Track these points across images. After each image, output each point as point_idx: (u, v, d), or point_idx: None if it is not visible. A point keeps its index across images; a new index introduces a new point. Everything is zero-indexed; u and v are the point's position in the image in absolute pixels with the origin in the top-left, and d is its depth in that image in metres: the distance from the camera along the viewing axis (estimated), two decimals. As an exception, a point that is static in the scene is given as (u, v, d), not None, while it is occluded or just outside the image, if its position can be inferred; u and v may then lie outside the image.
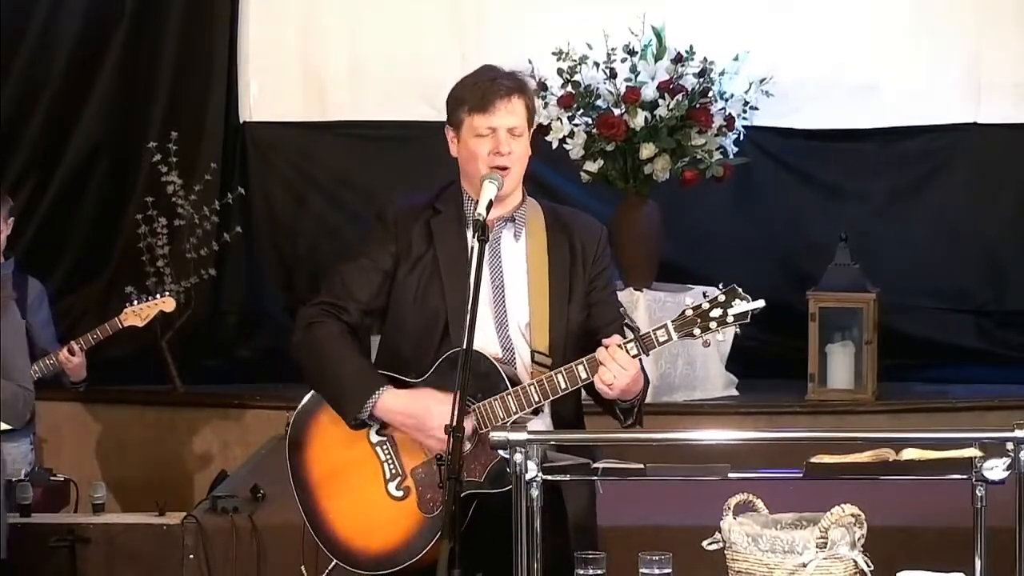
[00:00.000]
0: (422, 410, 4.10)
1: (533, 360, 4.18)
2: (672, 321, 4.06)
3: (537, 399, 4.09)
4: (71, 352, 6.75)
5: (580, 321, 4.25)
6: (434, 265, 4.21)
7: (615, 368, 4.01)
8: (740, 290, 4.09)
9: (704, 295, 4.09)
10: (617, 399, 4.12)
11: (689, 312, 4.07)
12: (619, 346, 4.03)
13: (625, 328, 4.12)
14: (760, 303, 4.09)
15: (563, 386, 4.08)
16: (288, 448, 4.29)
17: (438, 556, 3.95)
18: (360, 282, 4.24)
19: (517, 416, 4.07)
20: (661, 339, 4.06)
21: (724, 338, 4.17)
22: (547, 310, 4.22)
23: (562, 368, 4.09)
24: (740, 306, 4.06)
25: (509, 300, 4.22)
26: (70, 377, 6.86)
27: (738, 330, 4.13)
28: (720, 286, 4.11)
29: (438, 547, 4.02)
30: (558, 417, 4.21)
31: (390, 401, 4.12)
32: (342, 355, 4.17)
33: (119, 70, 8.46)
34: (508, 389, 4.09)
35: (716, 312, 4.06)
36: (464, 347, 3.86)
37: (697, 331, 4.05)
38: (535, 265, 4.25)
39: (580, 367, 4.07)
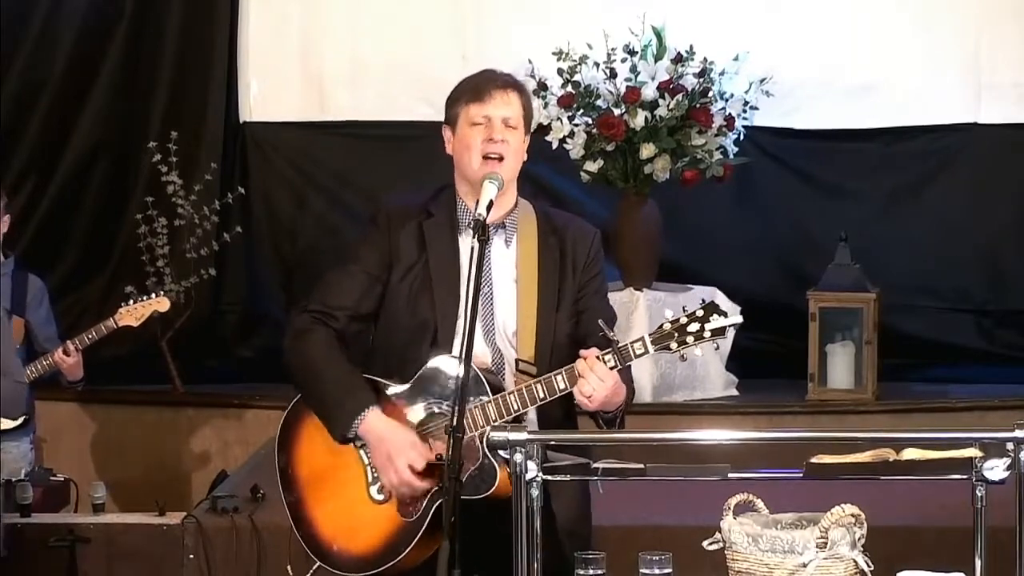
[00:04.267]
0: (396, 447, 4.11)
1: (517, 368, 4.18)
2: (649, 334, 4.06)
3: (517, 407, 4.09)
4: (66, 352, 6.74)
5: (568, 328, 4.25)
6: (425, 271, 4.21)
7: (594, 380, 4.01)
8: (720, 305, 4.09)
9: (684, 309, 4.08)
10: (598, 411, 4.13)
11: (667, 325, 4.06)
12: (597, 358, 4.03)
13: (602, 338, 4.10)
14: (738, 319, 4.09)
15: (541, 395, 4.08)
16: (276, 449, 4.31)
17: (421, 560, 3.98)
18: (350, 289, 4.24)
19: (498, 423, 4.06)
20: (638, 351, 4.05)
21: (701, 353, 4.14)
22: (534, 318, 4.21)
23: (541, 378, 4.09)
24: (718, 321, 4.05)
25: (497, 308, 4.22)
26: (67, 377, 6.86)
27: (716, 345, 4.12)
28: (702, 300, 4.10)
29: (416, 551, 4.07)
30: (544, 418, 4.20)
31: (373, 422, 4.13)
32: (330, 368, 4.18)
33: (119, 70, 8.46)
34: (489, 397, 4.10)
35: (694, 327, 4.05)
36: (463, 350, 3.86)
37: (674, 345, 4.04)
38: (524, 272, 4.25)
39: (559, 377, 4.07)
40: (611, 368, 4.03)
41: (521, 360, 4.18)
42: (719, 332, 4.06)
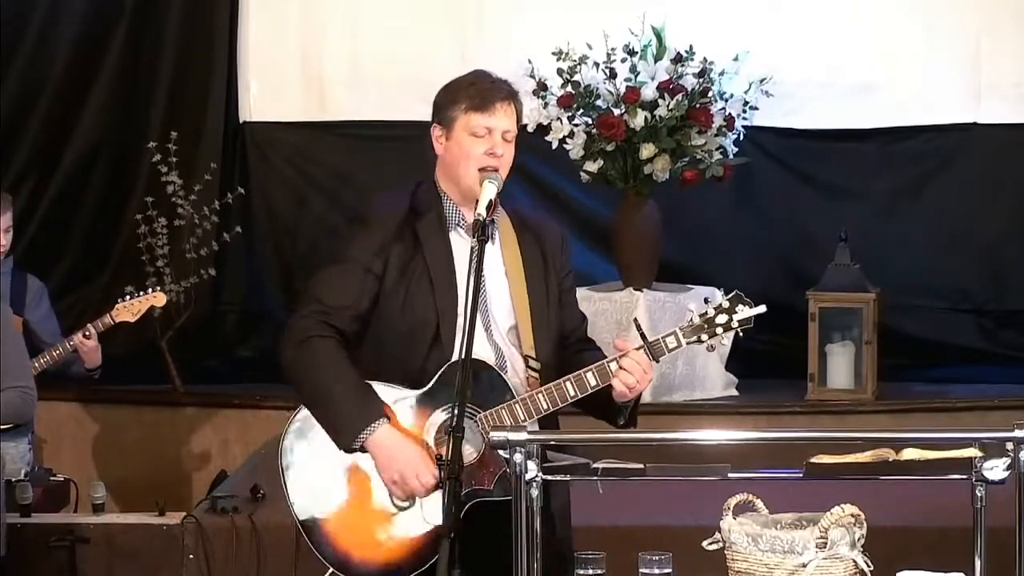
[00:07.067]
0: (406, 463, 4.08)
1: (527, 365, 4.18)
2: (680, 328, 4.16)
3: (546, 407, 4.09)
4: (86, 335, 6.79)
5: (558, 322, 4.27)
6: (422, 269, 4.18)
7: (639, 373, 4.08)
8: (743, 296, 4.17)
9: (706, 301, 4.17)
10: (626, 401, 4.16)
11: (696, 319, 4.16)
12: (636, 349, 4.08)
13: (636, 333, 4.16)
14: (762, 308, 4.21)
15: (572, 393, 4.10)
16: (281, 457, 4.24)
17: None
18: (349, 287, 4.18)
19: (529, 423, 4.07)
20: (671, 346, 4.15)
21: (727, 342, 4.27)
22: (529, 313, 4.22)
23: (570, 376, 4.10)
24: (744, 312, 4.18)
25: (492, 305, 4.21)
26: (85, 364, 6.89)
27: (741, 334, 4.23)
28: (722, 292, 4.18)
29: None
30: (542, 417, 4.20)
31: (383, 437, 4.08)
32: (338, 377, 4.11)
33: (119, 70, 8.45)
34: (515, 398, 4.09)
35: (722, 318, 4.16)
36: (464, 349, 3.87)
37: (704, 337, 4.16)
38: (512, 269, 4.25)
39: (589, 375, 4.09)
40: None
41: (527, 356, 4.19)
42: (746, 322, 4.17)
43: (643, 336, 4.12)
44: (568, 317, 4.31)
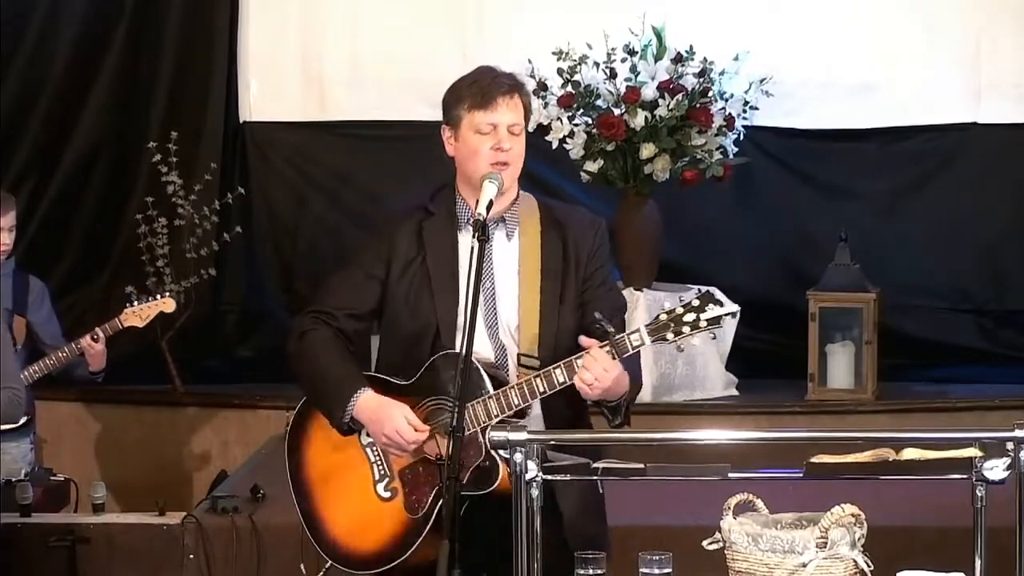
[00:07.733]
0: (386, 417, 4.12)
1: (519, 363, 4.18)
2: (645, 325, 4.06)
3: (517, 402, 4.09)
4: (95, 339, 6.79)
5: (574, 321, 4.24)
6: (424, 269, 4.22)
7: (597, 370, 4.02)
8: (716, 295, 4.08)
9: (680, 299, 4.08)
10: (601, 399, 4.13)
11: (663, 316, 4.06)
12: (601, 346, 4.03)
13: (600, 328, 4.10)
14: (735, 308, 4.08)
15: (541, 389, 4.09)
16: (286, 453, 4.33)
17: (430, 556, 3.97)
18: (349, 290, 4.26)
19: (501, 418, 4.07)
20: (634, 343, 4.05)
21: (699, 343, 4.15)
22: (537, 313, 4.21)
23: (541, 372, 4.10)
24: (714, 311, 4.05)
25: (500, 303, 4.22)
26: (89, 367, 6.89)
27: (713, 336, 4.12)
28: (698, 290, 4.10)
29: (424, 547, 4.06)
30: (550, 416, 4.20)
31: (366, 403, 4.15)
32: (329, 361, 4.21)
33: (119, 70, 8.45)
34: (489, 393, 4.10)
35: (690, 317, 4.05)
36: (464, 348, 3.87)
37: (670, 335, 4.04)
38: (527, 266, 4.25)
39: (557, 371, 4.08)
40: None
41: (523, 354, 4.19)
42: (715, 321, 4.05)
43: (606, 333, 4.07)
44: (595, 310, 4.26)
